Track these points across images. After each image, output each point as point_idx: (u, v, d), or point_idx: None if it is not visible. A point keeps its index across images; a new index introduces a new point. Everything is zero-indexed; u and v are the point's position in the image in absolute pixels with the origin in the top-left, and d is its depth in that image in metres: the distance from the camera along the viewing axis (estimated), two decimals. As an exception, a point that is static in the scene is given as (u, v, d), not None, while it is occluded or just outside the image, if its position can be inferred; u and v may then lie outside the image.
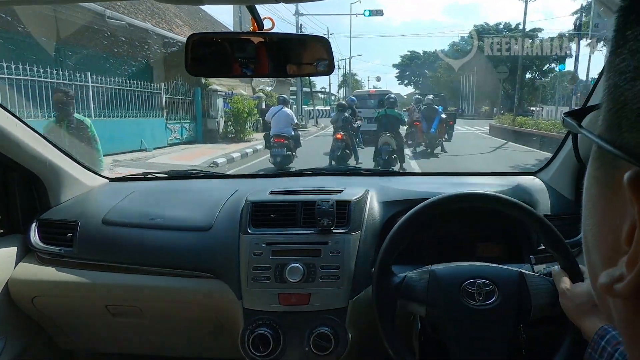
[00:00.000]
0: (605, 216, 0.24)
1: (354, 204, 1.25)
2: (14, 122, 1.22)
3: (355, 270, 1.16)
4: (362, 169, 1.88)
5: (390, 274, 1.01)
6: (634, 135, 0.20)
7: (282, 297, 1.13)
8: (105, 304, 1.28)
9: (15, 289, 1.28)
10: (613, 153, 0.21)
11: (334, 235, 1.19)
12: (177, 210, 1.36)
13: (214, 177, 1.93)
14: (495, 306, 0.94)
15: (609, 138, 0.22)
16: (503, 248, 1.31)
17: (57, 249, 1.30)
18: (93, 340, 1.47)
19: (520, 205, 1.03)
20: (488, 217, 1.27)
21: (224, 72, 1.07)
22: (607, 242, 0.24)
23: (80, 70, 8.19)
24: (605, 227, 0.24)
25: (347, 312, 1.14)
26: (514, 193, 1.29)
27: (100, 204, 1.41)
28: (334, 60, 0.99)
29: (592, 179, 0.26)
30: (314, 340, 1.10)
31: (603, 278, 0.23)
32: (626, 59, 0.21)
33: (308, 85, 19.49)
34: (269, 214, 1.26)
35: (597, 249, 0.25)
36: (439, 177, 1.77)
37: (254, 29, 0.93)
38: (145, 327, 1.35)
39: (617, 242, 0.22)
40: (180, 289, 1.23)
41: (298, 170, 1.82)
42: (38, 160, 1.31)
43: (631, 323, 0.24)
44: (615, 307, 0.25)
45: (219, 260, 1.21)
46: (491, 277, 0.98)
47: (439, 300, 0.97)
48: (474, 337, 0.94)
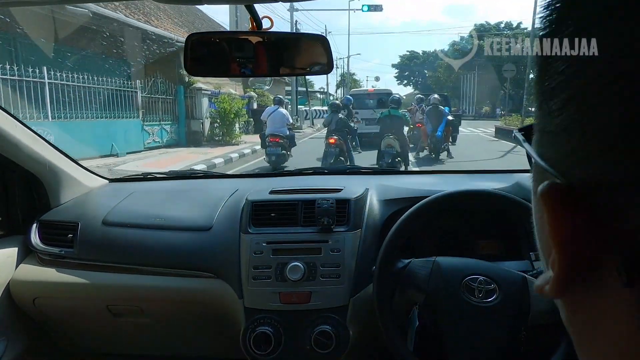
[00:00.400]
0: (542, 226, 0.26)
1: (354, 203, 1.25)
2: (14, 123, 1.23)
3: (355, 268, 1.16)
4: (362, 167, 1.88)
5: (395, 258, 1.02)
6: (552, 150, 0.23)
7: (283, 296, 1.14)
8: (107, 304, 1.28)
9: (16, 290, 1.29)
10: (541, 166, 0.24)
11: (334, 234, 1.19)
12: (177, 211, 1.37)
13: (214, 177, 1.93)
14: (494, 305, 0.95)
15: (538, 152, 0.25)
16: (503, 245, 1.31)
17: (58, 250, 1.30)
18: (94, 340, 1.48)
19: (520, 202, 1.03)
20: (488, 214, 1.28)
21: (223, 72, 1.07)
22: (546, 249, 0.25)
23: (35, 64, 7.05)
24: (542, 236, 0.26)
25: (347, 310, 1.14)
26: (514, 190, 1.29)
27: (101, 204, 1.42)
28: (332, 59, 0.99)
29: (533, 191, 0.28)
30: (315, 339, 1.10)
31: (539, 280, 0.26)
32: (543, 85, 0.23)
33: (304, 85, 18.73)
34: (269, 213, 1.26)
35: (543, 256, 0.27)
36: (438, 176, 1.77)
37: (252, 29, 0.93)
38: (146, 327, 1.35)
39: (550, 249, 0.24)
40: (181, 289, 1.24)
41: (298, 169, 1.82)
42: (38, 161, 1.32)
43: (570, 321, 0.26)
44: (560, 310, 0.27)
45: (220, 259, 1.22)
46: (494, 276, 0.98)
47: (439, 291, 0.97)
48: (470, 332, 0.94)
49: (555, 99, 0.22)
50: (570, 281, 0.23)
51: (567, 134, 0.21)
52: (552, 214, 0.22)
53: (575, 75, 0.21)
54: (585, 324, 0.24)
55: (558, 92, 0.22)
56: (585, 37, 0.20)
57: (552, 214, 0.22)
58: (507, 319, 0.95)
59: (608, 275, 0.21)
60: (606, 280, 0.21)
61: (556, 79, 0.22)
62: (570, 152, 0.21)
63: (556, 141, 0.23)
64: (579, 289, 0.23)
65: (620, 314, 0.21)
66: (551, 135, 0.23)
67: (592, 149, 0.20)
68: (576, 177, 0.21)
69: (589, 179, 0.21)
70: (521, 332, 0.96)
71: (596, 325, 0.23)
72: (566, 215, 0.22)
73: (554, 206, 0.22)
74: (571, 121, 0.21)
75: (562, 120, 0.22)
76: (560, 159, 0.22)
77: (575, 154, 0.21)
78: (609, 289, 0.21)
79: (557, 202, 0.22)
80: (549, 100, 0.23)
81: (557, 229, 0.22)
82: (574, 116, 0.21)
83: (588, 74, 0.20)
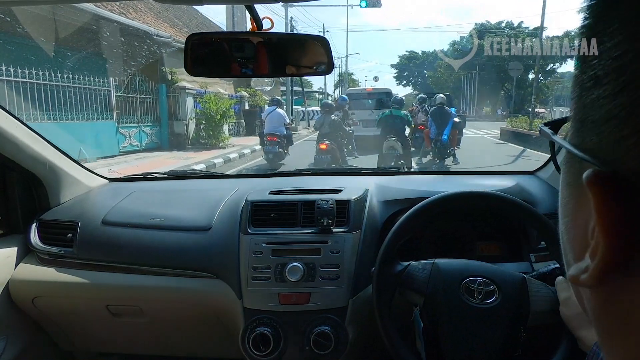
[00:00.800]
0: (576, 216, 0.26)
1: (353, 203, 1.25)
2: (14, 122, 1.22)
3: (355, 269, 1.16)
4: (361, 168, 1.88)
5: (393, 261, 1.02)
6: (594, 139, 0.23)
7: (282, 297, 1.14)
8: (106, 304, 1.28)
9: (15, 290, 1.29)
10: (578, 156, 0.24)
11: (334, 235, 1.19)
12: (176, 210, 1.37)
13: (213, 177, 1.93)
14: (494, 307, 0.94)
15: (575, 143, 0.25)
16: (503, 246, 1.31)
17: (57, 250, 1.30)
18: (93, 340, 1.47)
19: (520, 203, 1.03)
20: (488, 215, 1.28)
21: (223, 72, 1.07)
22: (578, 240, 0.26)
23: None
24: (575, 226, 0.26)
25: (347, 311, 1.14)
26: (514, 192, 1.29)
27: (100, 204, 1.42)
28: (333, 59, 0.99)
29: (564, 182, 0.28)
30: (314, 340, 1.10)
31: (572, 270, 0.26)
32: (587, 74, 0.24)
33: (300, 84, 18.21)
34: (268, 214, 1.26)
35: (571, 247, 0.28)
36: (438, 176, 1.77)
37: (253, 29, 0.93)
38: (145, 326, 1.35)
39: (585, 239, 0.24)
40: (180, 289, 1.24)
41: (298, 169, 1.82)
42: (38, 161, 1.32)
43: (599, 313, 0.26)
44: (587, 300, 0.27)
45: (219, 260, 1.22)
46: (493, 278, 0.98)
47: (438, 293, 0.97)
48: (469, 334, 0.94)
49: (605, 86, 0.22)
50: (612, 269, 0.23)
51: (616, 122, 0.22)
52: (600, 201, 0.22)
53: (630, 62, 0.21)
54: (616, 316, 0.24)
55: (608, 80, 0.22)
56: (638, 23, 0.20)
57: (600, 200, 0.22)
58: (507, 321, 0.95)
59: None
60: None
61: (605, 68, 0.22)
62: (619, 140, 0.21)
63: (601, 130, 0.23)
64: (616, 278, 0.23)
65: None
66: (596, 124, 0.23)
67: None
68: (624, 165, 0.21)
69: (638, 167, 0.21)
70: (521, 333, 0.96)
71: (629, 317, 0.23)
72: (615, 201, 0.22)
73: (602, 192, 0.22)
74: (622, 108, 0.21)
75: (611, 109, 0.22)
76: (605, 148, 0.23)
77: (626, 141, 0.21)
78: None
79: (605, 188, 0.22)
80: (593, 89, 0.23)
81: (605, 215, 0.22)
82: (627, 103, 0.21)
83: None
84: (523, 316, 0.95)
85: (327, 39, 0.99)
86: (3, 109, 1.20)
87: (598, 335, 0.26)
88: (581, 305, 0.29)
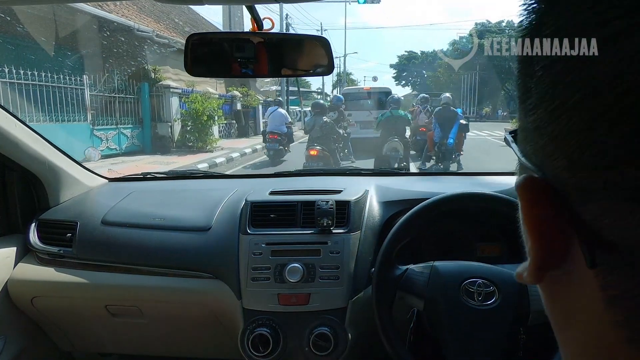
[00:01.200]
0: (523, 218, 0.28)
1: (353, 204, 1.25)
2: (13, 122, 1.22)
3: (354, 270, 1.16)
4: (361, 168, 1.88)
5: (392, 266, 1.02)
6: (529, 146, 0.25)
7: (282, 297, 1.14)
8: (105, 304, 1.28)
9: (14, 290, 1.28)
10: (522, 162, 0.26)
11: (334, 236, 1.19)
12: (176, 211, 1.36)
13: (213, 177, 1.93)
14: (494, 308, 0.94)
15: (521, 149, 0.27)
16: (503, 247, 1.31)
17: (57, 249, 1.30)
18: (92, 340, 1.47)
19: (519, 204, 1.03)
20: (488, 216, 1.27)
21: (223, 72, 1.07)
22: (525, 239, 0.28)
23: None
24: (524, 227, 0.28)
25: (346, 312, 1.14)
26: (514, 192, 1.29)
27: (100, 204, 1.41)
28: (333, 60, 0.99)
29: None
30: (313, 341, 1.10)
31: (519, 269, 0.28)
32: (524, 83, 0.25)
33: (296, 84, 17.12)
34: (268, 214, 1.26)
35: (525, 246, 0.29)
36: (438, 178, 1.77)
37: (253, 29, 0.93)
38: (144, 327, 1.35)
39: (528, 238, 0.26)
40: (179, 289, 1.23)
41: (297, 170, 1.82)
42: (37, 161, 1.31)
43: (548, 308, 0.28)
44: (541, 298, 0.29)
45: (219, 260, 1.21)
46: (492, 279, 0.98)
47: (438, 296, 0.97)
48: (470, 336, 0.94)
49: (531, 98, 0.24)
50: (545, 268, 0.25)
51: (539, 131, 0.23)
52: (525, 204, 0.24)
53: (545, 77, 0.22)
54: (561, 311, 0.26)
55: (533, 92, 0.24)
56: (559, 40, 0.21)
57: (525, 204, 0.24)
58: (508, 321, 0.95)
59: (578, 262, 0.23)
60: (577, 266, 0.23)
61: (531, 80, 0.24)
62: (541, 148, 0.23)
63: (531, 138, 0.25)
64: (554, 276, 0.25)
65: (589, 297, 0.23)
66: (528, 132, 0.25)
67: (555, 148, 0.22)
68: (547, 171, 0.23)
69: (556, 174, 0.23)
70: (521, 335, 0.96)
71: (570, 311, 0.25)
72: (538, 205, 0.24)
73: (527, 197, 0.24)
74: (540, 120, 0.23)
75: (535, 119, 0.23)
76: (534, 155, 0.25)
77: (544, 150, 0.23)
78: (579, 274, 0.23)
79: (531, 193, 0.24)
80: (526, 99, 0.25)
81: (530, 218, 0.24)
82: (543, 115, 0.23)
83: (556, 76, 0.22)
84: (523, 316, 0.95)
85: (328, 40, 0.99)
86: (3, 108, 1.19)
87: (553, 329, 0.28)
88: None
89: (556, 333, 0.28)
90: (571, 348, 0.26)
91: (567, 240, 0.23)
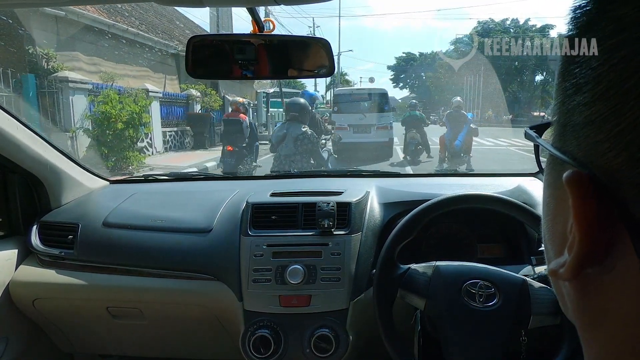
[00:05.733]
0: (556, 214, 0.28)
1: (354, 206, 1.25)
2: (15, 124, 1.22)
3: (356, 271, 1.16)
4: (362, 170, 1.88)
5: (394, 265, 1.02)
6: (574, 143, 0.25)
7: (283, 299, 1.14)
8: (106, 305, 1.28)
9: (16, 291, 1.28)
10: (559, 158, 0.26)
11: (335, 237, 1.19)
12: (177, 212, 1.36)
13: (214, 178, 1.93)
14: (495, 309, 0.94)
15: (557, 146, 0.27)
16: (504, 249, 1.31)
17: (58, 251, 1.30)
18: (94, 342, 1.47)
19: (521, 205, 1.03)
20: (489, 217, 1.28)
21: (224, 74, 1.07)
22: (558, 237, 0.28)
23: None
24: (556, 224, 0.28)
25: (347, 313, 1.14)
26: (515, 194, 1.29)
27: (101, 206, 1.41)
28: (334, 61, 0.99)
29: (546, 183, 0.30)
30: (314, 342, 1.10)
31: (552, 265, 0.27)
32: (570, 81, 0.26)
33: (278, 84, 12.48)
34: (269, 216, 1.26)
35: (551, 244, 0.29)
36: (440, 179, 1.77)
37: (254, 31, 0.93)
38: (146, 328, 1.35)
39: (565, 236, 0.26)
40: (181, 291, 1.23)
41: (298, 171, 1.82)
42: (39, 162, 1.31)
43: (578, 306, 0.27)
44: (567, 294, 0.29)
45: (220, 262, 1.21)
46: (494, 280, 0.98)
47: (439, 296, 0.97)
48: (470, 337, 0.94)
49: (585, 94, 0.24)
50: (587, 264, 0.24)
51: (592, 126, 0.23)
52: (577, 199, 0.24)
53: (606, 74, 0.22)
54: (592, 309, 0.26)
55: (588, 89, 0.24)
56: (619, 38, 0.21)
57: (577, 199, 0.24)
58: (508, 323, 0.94)
59: (622, 259, 0.23)
60: (620, 264, 0.23)
61: (585, 77, 0.24)
62: (595, 144, 0.23)
63: (580, 134, 0.24)
64: (589, 273, 0.25)
65: (631, 294, 0.22)
66: (576, 129, 0.25)
67: (614, 143, 0.22)
68: (599, 167, 0.23)
69: (609, 169, 0.22)
70: (522, 336, 0.96)
71: (604, 308, 0.25)
72: (589, 200, 0.23)
73: (577, 192, 0.24)
74: (598, 114, 0.23)
75: (589, 114, 0.23)
76: (583, 151, 0.24)
77: (600, 146, 0.23)
78: (622, 271, 0.23)
79: (581, 188, 0.24)
80: (575, 96, 0.25)
81: (582, 212, 0.24)
82: (602, 110, 0.22)
83: (619, 72, 0.21)
84: (524, 319, 0.94)
85: (329, 42, 0.99)
86: (4, 110, 1.20)
87: (578, 328, 0.28)
88: (561, 301, 0.31)
89: (582, 331, 0.27)
90: (601, 346, 0.26)
91: (613, 236, 0.23)
